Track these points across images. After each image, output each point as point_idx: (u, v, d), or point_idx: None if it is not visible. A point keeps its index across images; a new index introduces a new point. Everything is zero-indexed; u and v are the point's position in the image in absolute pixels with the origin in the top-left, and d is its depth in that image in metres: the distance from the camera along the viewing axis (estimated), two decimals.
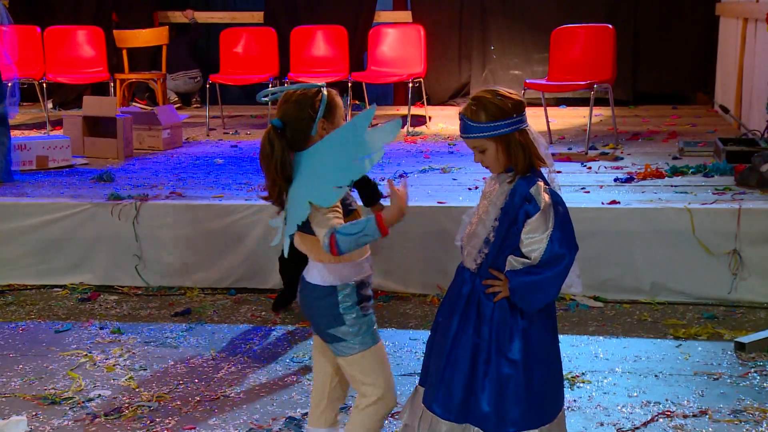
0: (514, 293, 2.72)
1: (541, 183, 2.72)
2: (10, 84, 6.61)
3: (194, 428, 3.63)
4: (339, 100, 2.90)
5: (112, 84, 9.15)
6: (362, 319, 2.90)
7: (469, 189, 5.81)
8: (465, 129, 2.79)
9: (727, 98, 8.56)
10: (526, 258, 2.70)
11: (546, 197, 2.68)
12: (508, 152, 2.74)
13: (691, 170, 6.18)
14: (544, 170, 2.79)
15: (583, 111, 7.44)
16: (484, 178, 6.07)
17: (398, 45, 9.07)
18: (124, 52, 9.84)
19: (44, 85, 8.86)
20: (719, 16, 9.42)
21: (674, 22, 9.96)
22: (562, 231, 2.69)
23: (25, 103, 9.63)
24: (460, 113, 2.80)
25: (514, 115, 2.73)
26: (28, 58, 8.72)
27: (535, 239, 2.68)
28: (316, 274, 2.91)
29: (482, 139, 2.75)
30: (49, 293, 5.44)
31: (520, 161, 2.73)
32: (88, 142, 7.36)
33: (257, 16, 10.56)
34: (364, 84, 8.98)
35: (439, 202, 5.31)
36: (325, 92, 2.87)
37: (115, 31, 9.93)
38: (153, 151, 7.55)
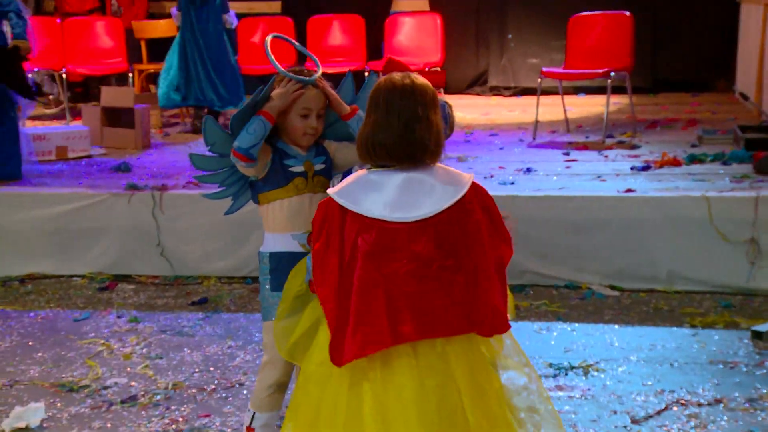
0: None
1: None
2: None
3: (209, 416, 3.65)
4: (284, 94, 2.90)
5: (130, 74, 9.19)
6: (266, 293, 2.99)
7: (485, 178, 5.80)
8: None
9: (747, 85, 8.49)
10: None
11: None
12: None
13: (709, 158, 6.14)
14: None
15: (602, 99, 7.41)
16: (500, 167, 6.12)
17: (415, 34, 9.07)
18: (143, 42, 9.88)
19: (63, 76, 8.91)
20: (740, 2, 9.36)
21: (694, 9, 9.88)
22: None
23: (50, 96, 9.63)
24: None
25: None
26: (47, 49, 8.77)
27: None
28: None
29: None
30: (68, 282, 5.49)
31: None
32: (107, 132, 7.41)
33: (275, 6, 10.57)
34: (380, 73, 8.96)
35: None
36: (279, 80, 2.94)
37: (133, 22, 9.96)
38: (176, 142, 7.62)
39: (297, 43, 3.38)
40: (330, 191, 2.47)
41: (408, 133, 2.40)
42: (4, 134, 6.06)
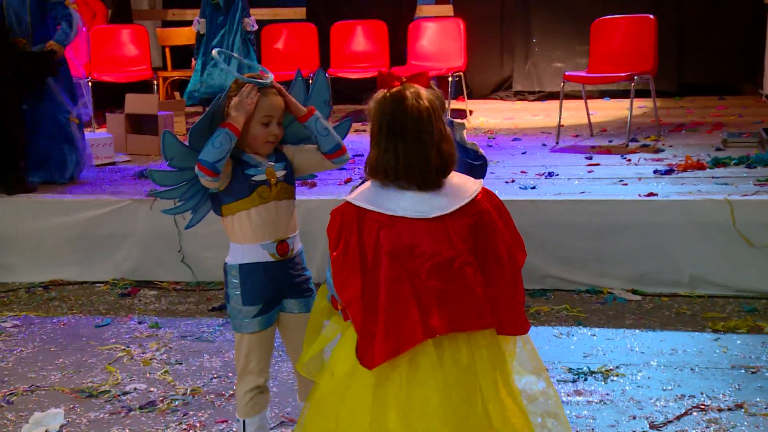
0: None
1: None
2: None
3: (226, 421, 3.66)
4: (245, 101, 2.87)
5: (155, 82, 9.25)
6: (238, 306, 2.96)
7: (506, 182, 5.78)
8: None
9: None
10: None
11: None
12: None
13: (733, 161, 6.08)
14: None
15: (627, 103, 7.36)
16: (522, 171, 6.10)
17: (438, 39, 9.05)
18: (167, 49, 9.94)
19: (90, 83, 8.98)
20: (767, 5, 9.26)
21: (721, 12, 9.76)
22: None
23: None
24: None
25: None
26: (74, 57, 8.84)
27: None
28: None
29: None
30: (90, 288, 5.53)
31: None
32: (131, 139, 7.46)
33: (300, 12, 10.58)
34: (404, 78, 8.95)
35: None
36: (235, 86, 2.92)
37: (158, 30, 10.04)
38: None
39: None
40: (347, 198, 2.44)
41: (439, 153, 2.40)
42: (59, 138, 6.25)
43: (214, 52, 3.05)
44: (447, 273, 2.38)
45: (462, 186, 2.47)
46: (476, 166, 3.18)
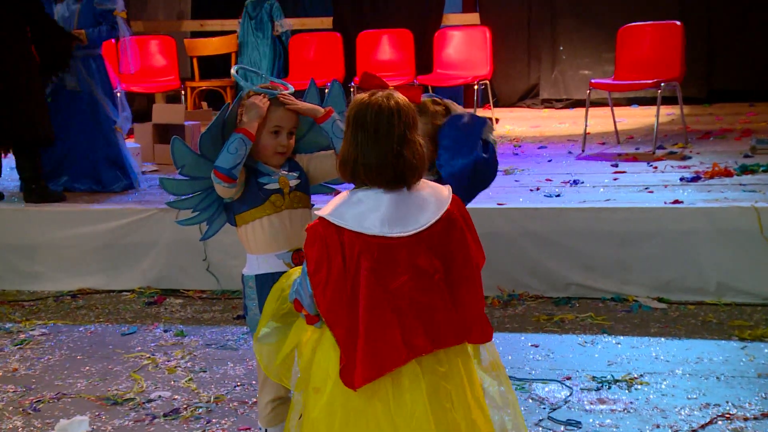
0: None
1: None
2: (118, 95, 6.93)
3: (249, 429, 3.67)
4: (256, 103, 2.89)
5: (183, 92, 9.32)
6: (255, 316, 2.95)
7: (531, 190, 5.77)
8: None
9: None
10: None
11: None
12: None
13: (761, 168, 6.03)
14: None
15: (654, 110, 7.32)
16: (547, 179, 6.08)
17: (464, 47, 9.07)
18: (195, 60, 10.02)
19: (118, 94, 9.05)
20: None
21: (750, 17, 9.66)
22: None
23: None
24: None
25: None
26: None
27: None
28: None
29: None
30: (117, 297, 5.58)
31: None
32: (158, 149, 7.52)
33: (326, 22, 10.62)
34: (430, 87, 8.98)
35: (498, 204, 5.28)
36: (248, 97, 2.93)
37: (185, 40, 10.12)
38: None
39: (257, 71, 3.35)
40: (321, 213, 2.41)
41: (397, 156, 2.37)
42: (107, 148, 6.42)
43: (233, 70, 3.07)
44: (427, 289, 2.38)
45: (435, 195, 2.45)
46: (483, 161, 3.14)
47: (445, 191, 2.48)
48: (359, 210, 2.38)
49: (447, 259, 2.42)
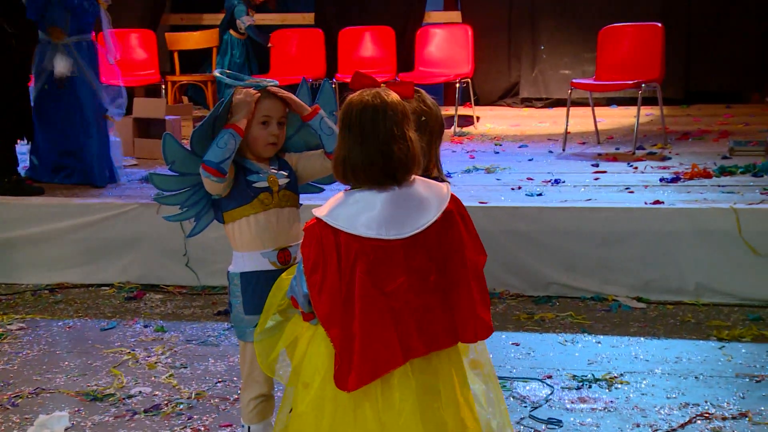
0: None
1: None
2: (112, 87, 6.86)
3: (231, 425, 3.66)
4: (246, 95, 2.88)
5: (163, 86, 9.28)
6: (240, 314, 2.96)
7: (512, 189, 5.79)
8: None
9: None
10: None
11: None
12: None
13: (739, 170, 6.09)
14: None
15: (634, 111, 7.37)
16: (528, 178, 6.10)
17: (446, 45, 9.08)
18: (176, 54, 9.97)
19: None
20: None
21: (728, 20, 9.75)
22: None
23: None
24: None
25: None
26: None
27: None
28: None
29: None
30: (96, 292, 5.54)
31: None
32: (138, 143, 7.49)
33: (308, 18, 10.61)
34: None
35: (480, 202, 5.29)
36: (237, 92, 2.92)
37: (166, 34, 10.07)
38: None
39: (240, 75, 3.33)
40: (318, 214, 2.41)
41: (386, 154, 2.36)
42: (102, 141, 6.42)
43: (216, 73, 3.07)
44: (423, 291, 2.38)
45: (432, 195, 2.44)
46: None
47: (444, 189, 2.47)
48: (354, 211, 2.38)
49: (442, 259, 2.42)
